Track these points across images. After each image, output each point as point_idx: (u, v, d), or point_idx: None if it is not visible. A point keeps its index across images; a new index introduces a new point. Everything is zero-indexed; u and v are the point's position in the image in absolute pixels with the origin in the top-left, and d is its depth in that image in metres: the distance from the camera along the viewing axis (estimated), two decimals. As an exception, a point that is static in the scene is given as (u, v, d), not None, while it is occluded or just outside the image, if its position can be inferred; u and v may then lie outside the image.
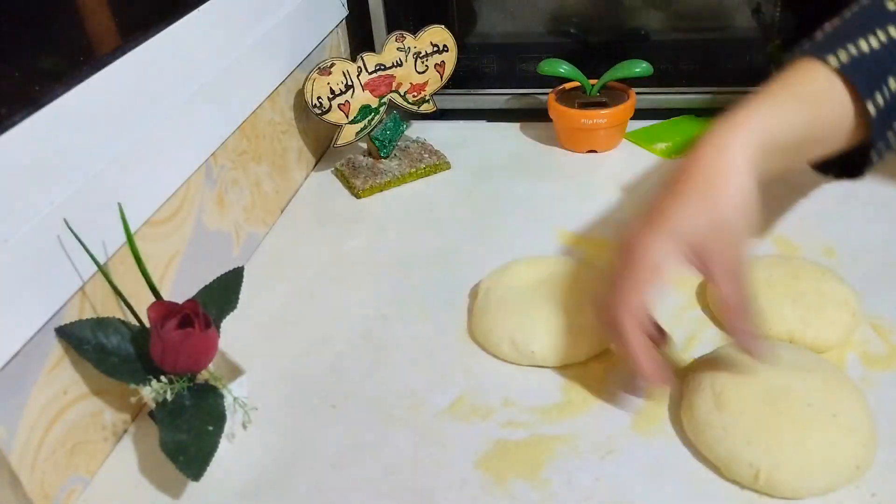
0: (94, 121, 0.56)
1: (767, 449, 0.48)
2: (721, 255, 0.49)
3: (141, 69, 0.61)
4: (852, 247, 0.70)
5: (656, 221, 0.50)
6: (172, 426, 0.51)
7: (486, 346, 0.62)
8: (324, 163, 0.94)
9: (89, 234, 0.53)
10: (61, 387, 0.52)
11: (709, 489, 0.50)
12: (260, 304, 0.70)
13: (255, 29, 0.78)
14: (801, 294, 0.60)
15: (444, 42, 0.88)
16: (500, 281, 0.65)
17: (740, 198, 0.49)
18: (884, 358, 0.58)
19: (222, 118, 0.72)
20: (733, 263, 0.49)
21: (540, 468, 0.52)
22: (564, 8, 0.92)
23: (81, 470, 0.54)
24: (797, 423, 0.49)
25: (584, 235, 0.76)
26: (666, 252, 0.49)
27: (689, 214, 0.49)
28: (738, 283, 0.50)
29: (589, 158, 0.90)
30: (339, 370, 0.62)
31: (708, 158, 0.50)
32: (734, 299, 0.50)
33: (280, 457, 0.55)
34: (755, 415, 0.50)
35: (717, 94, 0.92)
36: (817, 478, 0.47)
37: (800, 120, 0.52)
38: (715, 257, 0.49)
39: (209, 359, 0.54)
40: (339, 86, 0.83)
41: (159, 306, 0.52)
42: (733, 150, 0.49)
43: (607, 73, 0.88)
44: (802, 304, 0.59)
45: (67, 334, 0.52)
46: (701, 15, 0.90)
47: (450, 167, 0.90)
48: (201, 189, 0.69)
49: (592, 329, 0.60)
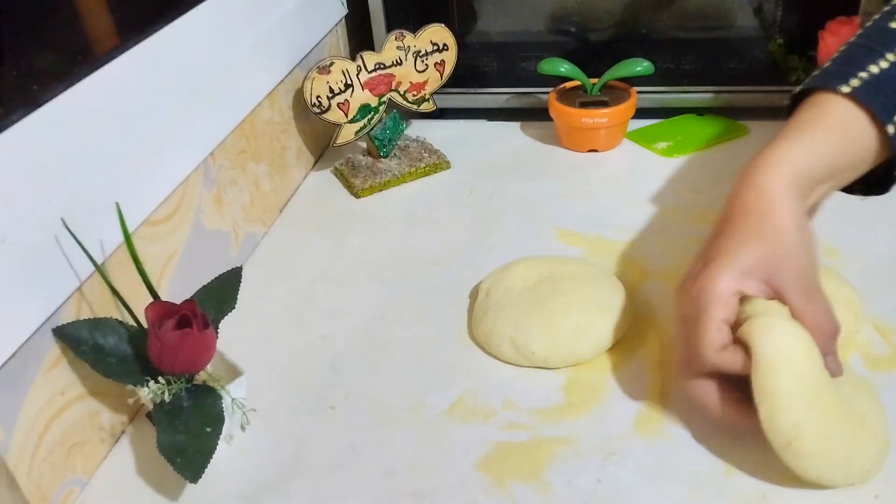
0: (92, 120, 0.55)
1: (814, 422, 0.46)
2: (792, 279, 0.49)
3: (139, 68, 0.61)
4: (855, 247, 0.69)
5: (717, 262, 0.49)
6: (170, 427, 0.51)
7: (486, 347, 0.62)
8: (323, 162, 0.93)
9: (87, 233, 0.52)
10: (59, 388, 0.52)
11: (711, 491, 0.49)
12: (258, 304, 0.70)
13: (253, 28, 0.78)
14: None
15: (444, 41, 0.88)
16: (500, 281, 0.65)
17: (793, 222, 0.49)
18: (887, 359, 0.58)
19: (221, 117, 0.71)
20: (807, 283, 0.49)
21: (541, 470, 0.52)
22: (565, 6, 0.92)
23: (79, 471, 0.54)
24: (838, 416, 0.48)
25: (585, 235, 0.75)
26: (734, 285, 0.49)
27: (749, 248, 0.49)
28: (818, 302, 0.49)
29: (590, 158, 0.89)
30: (338, 371, 0.62)
31: (752, 201, 0.51)
32: (817, 318, 0.49)
33: (279, 458, 0.55)
34: None
35: (718, 93, 0.92)
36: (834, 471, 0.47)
37: (829, 151, 0.52)
38: (785, 282, 0.48)
39: (207, 359, 0.53)
40: (338, 85, 0.83)
41: (157, 306, 0.52)
42: (773, 187, 0.50)
43: (608, 71, 0.88)
44: None
45: (65, 335, 0.51)
46: (702, 14, 0.89)
47: (450, 167, 0.89)
48: (199, 188, 0.68)
49: (593, 329, 0.59)
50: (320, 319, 0.68)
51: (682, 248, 0.71)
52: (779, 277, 0.49)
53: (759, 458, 0.51)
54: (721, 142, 0.89)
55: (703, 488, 0.50)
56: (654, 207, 0.79)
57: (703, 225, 0.59)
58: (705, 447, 0.52)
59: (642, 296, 0.66)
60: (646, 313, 0.64)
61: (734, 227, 0.51)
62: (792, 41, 0.87)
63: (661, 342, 0.61)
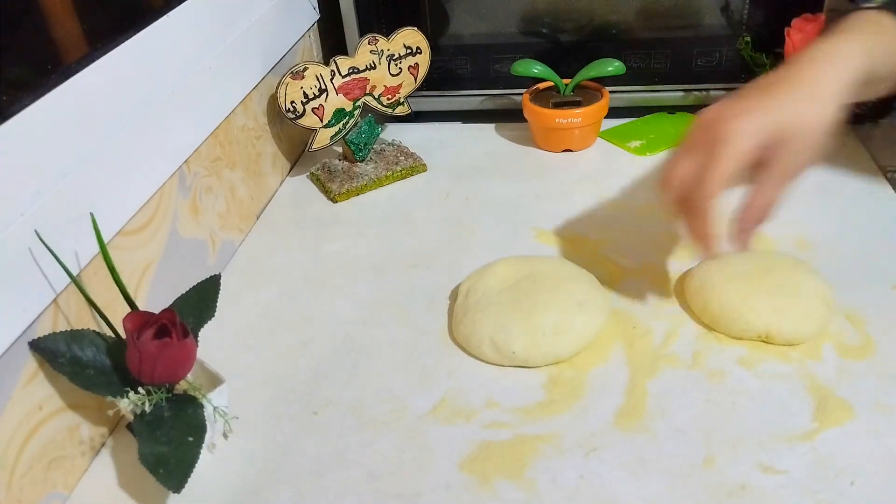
0: (65, 130, 0.55)
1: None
2: (789, 157, 0.53)
3: (110, 77, 0.60)
4: (826, 239, 0.71)
5: (755, 112, 0.53)
6: (152, 438, 0.50)
7: (467, 348, 0.62)
8: (299, 168, 0.93)
9: (61, 245, 0.52)
10: (36, 402, 0.51)
11: (692, 484, 0.50)
12: (238, 311, 0.69)
13: (225, 34, 0.77)
14: (777, 287, 0.61)
15: (418, 44, 0.88)
16: (479, 282, 0.65)
17: (826, 118, 0.53)
18: (859, 348, 0.59)
19: (195, 125, 0.71)
20: (792, 170, 0.53)
21: (524, 468, 0.52)
22: (536, 8, 0.92)
23: (59, 486, 0.53)
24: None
25: (562, 234, 0.76)
26: (757, 134, 0.52)
27: (785, 108, 0.53)
28: (782, 191, 0.54)
29: (564, 158, 0.90)
30: (319, 376, 0.62)
31: (809, 75, 0.55)
32: (767, 201, 0.54)
33: (262, 466, 0.54)
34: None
35: (688, 92, 0.93)
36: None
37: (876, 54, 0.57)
38: (783, 157, 0.53)
39: (187, 369, 0.53)
40: (312, 90, 0.83)
41: (135, 317, 0.52)
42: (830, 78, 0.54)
43: (580, 72, 0.89)
44: (778, 296, 0.60)
45: (41, 348, 0.51)
46: (671, 13, 0.91)
47: (426, 169, 0.90)
48: (175, 197, 0.68)
49: (572, 327, 0.60)
50: (300, 325, 0.67)
51: (657, 244, 0.72)
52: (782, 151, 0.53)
53: (738, 450, 0.52)
54: (693, 139, 0.90)
55: (683, 480, 0.50)
56: (629, 205, 0.79)
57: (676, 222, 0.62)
58: (685, 440, 0.53)
59: (619, 292, 0.67)
60: (623, 310, 0.65)
61: (785, 86, 0.55)
62: (759, 39, 0.88)
63: (638, 338, 0.62)
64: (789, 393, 0.56)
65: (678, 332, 0.62)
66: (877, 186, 0.78)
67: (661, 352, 0.60)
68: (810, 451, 0.51)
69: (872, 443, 0.51)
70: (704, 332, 0.62)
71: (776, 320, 0.59)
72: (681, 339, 0.61)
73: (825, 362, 0.58)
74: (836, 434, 0.52)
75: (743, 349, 0.60)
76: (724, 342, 0.61)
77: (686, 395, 0.56)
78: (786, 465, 0.51)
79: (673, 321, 0.63)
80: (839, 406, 0.54)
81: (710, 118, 0.55)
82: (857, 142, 0.85)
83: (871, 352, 0.58)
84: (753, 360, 0.59)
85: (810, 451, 0.51)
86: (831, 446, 0.52)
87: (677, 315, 0.64)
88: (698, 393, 0.56)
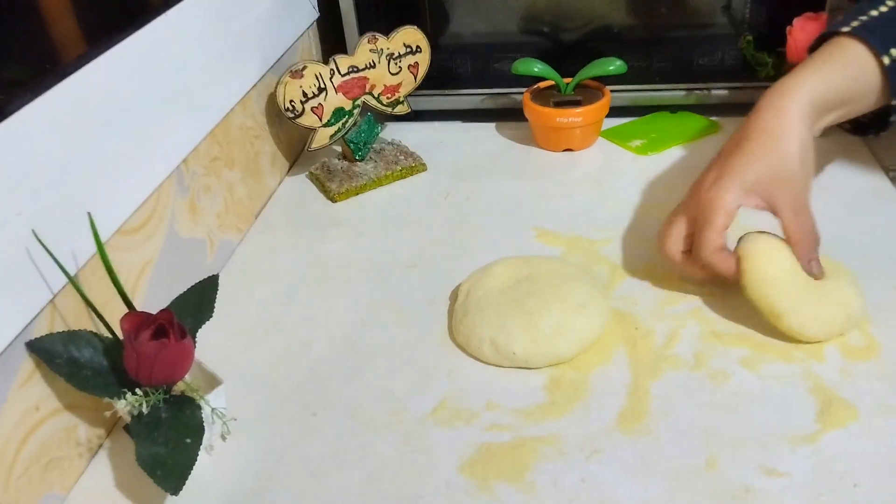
0: (62, 129, 0.54)
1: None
2: (785, 199, 0.59)
3: (109, 76, 0.60)
4: (829, 239, 0.70)
5: (727, 175, 0.60)
6: (149, 439, 0.50)
7: (467, 349, 0.62)
8: (298, 167, 0.93)
9: (59, 244, 0.51)
10: (33, 402, 0.51)
11: (695, 486, 0.50)
12: (236, 312, 0.69)
13: (224, 32, 0.77)
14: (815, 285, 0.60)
15: (417, 43, 0.88)
16: (479, 282, 0.65)
17: (800, 150, 0.59)
18: (863, 349, 0.58)
19: (193, 124, 0.71)
20: (798, 202, 0.59)
21: (525, 471, 0.52)
22: (537, 7, 0.92)
23: (56, 487, 0.53)
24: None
25: (563, 234, 0.75)
26: (737, 200, 0.59)
27: (756, 167, 0.59)
28: (804, 218, 0.60)
29: (565, 157, 0.90)
30: (318, 377, 0.61)
31: (769, 121, 0.60)
32: (801, 232, 0.59)
33: (260, 467, 0.54)
34: None
35: (690, 91, 0.93)
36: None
37: (840, 82, 0.62)
38: (779, 201, 0.59)
39: (185, 370, 0.53)
40: (311, 89, 0.83)
41: (132, 317, 0.51)
42: (790, 112, 0.60)
43: (582, 71, 0.88)
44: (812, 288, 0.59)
45: (38, 348, 0.50)
46: (673, 13, 0.90)
47: (426, 169, 0.89)
48: (173, 196, 0.67)
49: (572, 328, 0.59)
50: (299, 325, 0.67)
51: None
52: (776, 196, 0.59)
53: (741, 452, 0.51)
54: (694, 139, 0.90)
55: (686, 483, 0.50)
56: (630, 205, 0.79)
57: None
58: (688, 442, 0.53)
59: (620, 293, 0.67)
60: (625, 311, 0.64)
61: (748, 144, 0.60)
62: (761, 38, 0.88)
63: (640, 339, 0.62)
64: (792, 394, 0.55)
65: (680, 333, 0.62)
66: (880, 186, 0.78)
67: (664, 353, 0.60)
68: (814, 454, 0.51)
69: (876, 445, 0.51)
70: (706, 332, 0.61)
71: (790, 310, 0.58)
72: (683, 341, 0.61)
73: (828, 363, 0.57)
74: (840, 436, 0.52)
75: (745, 350, 0.59)
76: (727, 343, 0.60)
77: (689, 397, 0.56)
78: (789, 468, 0.50)
79: (675, 322, 0.63)
80: (843, 407, 0.54)
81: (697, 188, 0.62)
82: (859, 142, 0.84)
83: (875, 353, 0.58)
84: (756, 361, 0.58)
85: (814, 454, 0.51)
86: (835, 448, 0.51)
87: (679, 316, 0.64)
88: (701, 394, 0.56)
